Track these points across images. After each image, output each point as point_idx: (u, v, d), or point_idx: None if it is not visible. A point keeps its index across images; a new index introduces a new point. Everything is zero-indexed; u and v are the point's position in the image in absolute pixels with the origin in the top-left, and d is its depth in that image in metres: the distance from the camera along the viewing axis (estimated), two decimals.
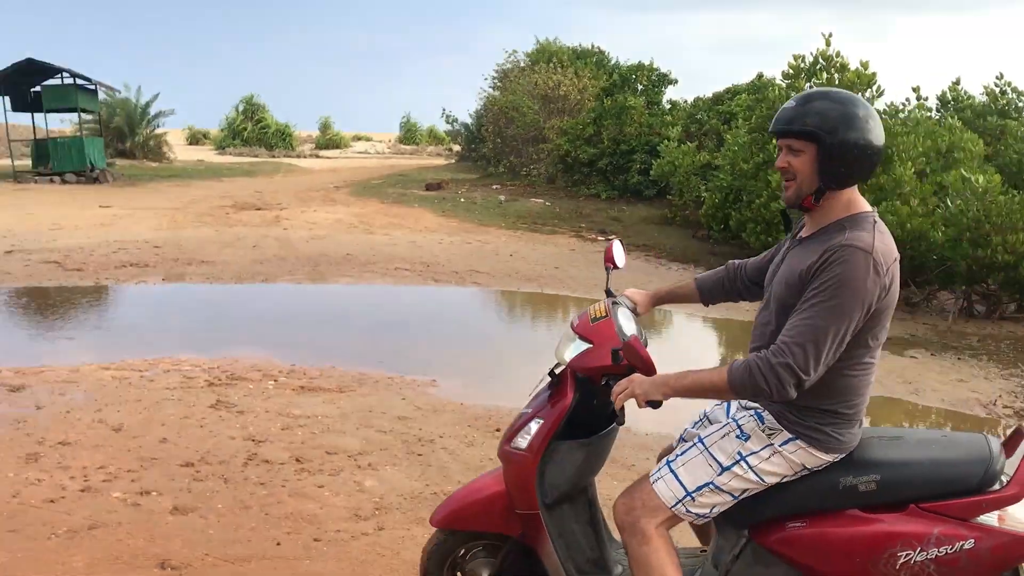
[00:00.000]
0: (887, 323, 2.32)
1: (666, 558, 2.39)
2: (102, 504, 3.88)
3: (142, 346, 7.05)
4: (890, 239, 2.28)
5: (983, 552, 2.21)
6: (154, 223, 15.51)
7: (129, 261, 11.27)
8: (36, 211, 17.09)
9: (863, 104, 2.28)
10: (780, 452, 2.34)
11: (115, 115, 33.89)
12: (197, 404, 5.42)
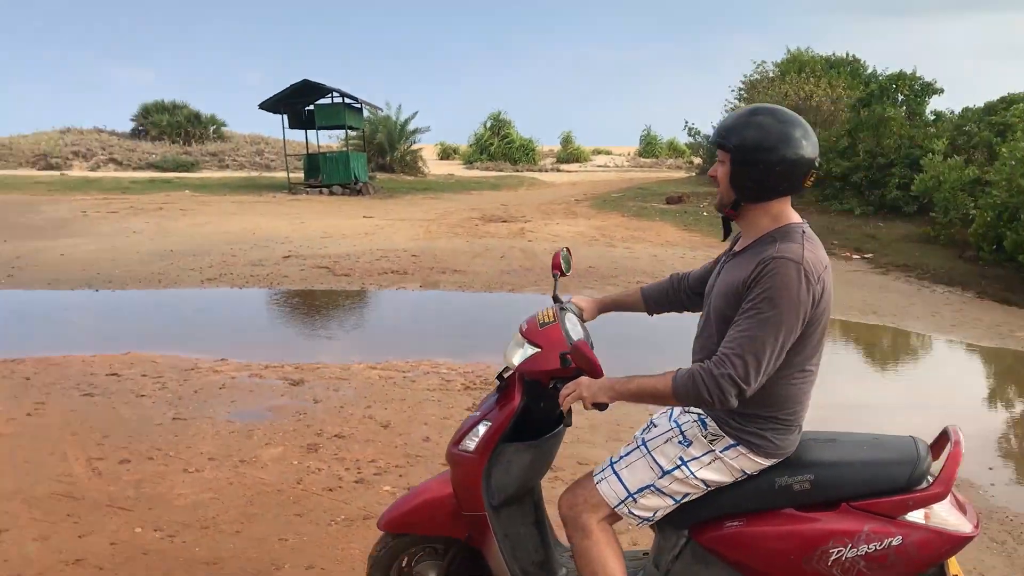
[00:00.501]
0: (823, 335, 2.35)
1: (607, 550, 2.44)
2: (374, 496, 4.16)
3: (404, 348, 7.50)
4: (820, 248, 2.31)
5: (910, 548, 2.26)
6: (411, 233, 16.47)
7: (390, 268, 12.03)
8: (308, 220, 18.67)
9: (790, 123, 2.29)
10: (721, 458, 2.38)
11: (377, 132, 36.37)
12: (455, 406, 5.69)
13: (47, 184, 29.15)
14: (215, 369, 6.61)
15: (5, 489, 4.18)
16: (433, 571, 2.84)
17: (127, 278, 11.20)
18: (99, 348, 7.31)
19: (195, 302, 10.03)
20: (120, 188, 27.71)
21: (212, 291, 10.54)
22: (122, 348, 7.29)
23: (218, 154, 42.56)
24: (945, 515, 2.31)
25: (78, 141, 43.29)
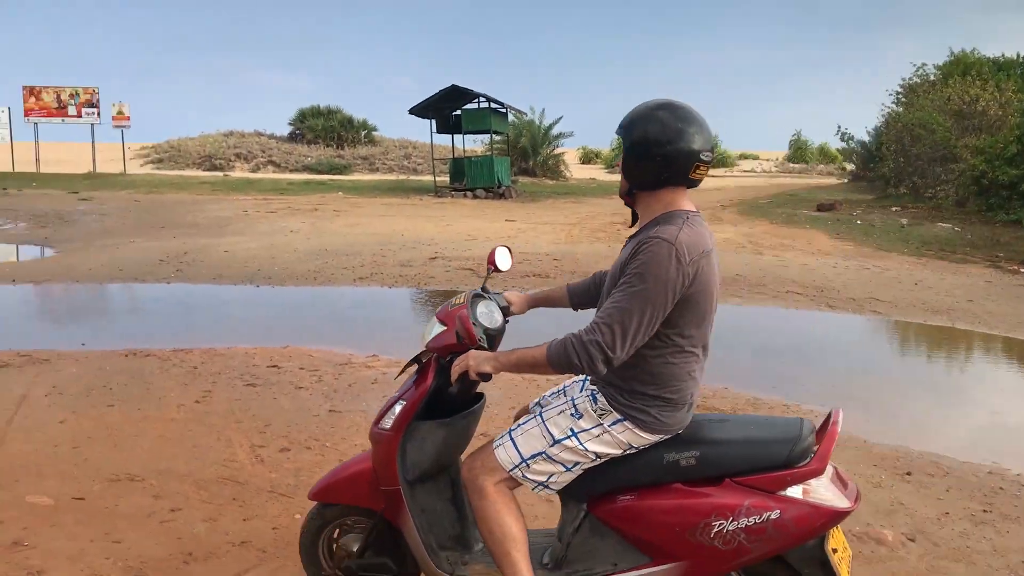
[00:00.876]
0: (705, 317, 2.48)
1: (503, 509, 2.59)
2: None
3: None
4: (702, 234, 2.45)
5: (788, 522, 2.37)
6: (552, 237, 16.56)
7: (532, 272, 12.14)
8: (453, 222, 19.07)
9: (684, 116, 2.45)
10: (609, 432, 2.53)
11: (521, 136, 36.77)
12: None
13: (211, 184, 30.90)
14: (367, 364, 6.85)
15: (178, 471, 4.47)
16: (356, 543, 3.00)
17: (285, 275, 11.74)
18: (260, 341, 7.70)
19: (348, 299, 10.41)
20: (278, 189, 29.09)
21: (363, 289, 10.92)
22: (281, 341, 7.65)
23: (369, 157, 44.03)
24: (823, 491, 2.42)
25: (240, 144, 45.68)
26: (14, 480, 4.29)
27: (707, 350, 2.58)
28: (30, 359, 6.82)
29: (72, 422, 5.28)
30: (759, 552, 2.42)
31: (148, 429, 5.17)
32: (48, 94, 35.91)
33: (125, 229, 17.45)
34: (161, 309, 9.80)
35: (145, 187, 29.51)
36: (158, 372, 6.52)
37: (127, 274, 11.68)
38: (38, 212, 21.07)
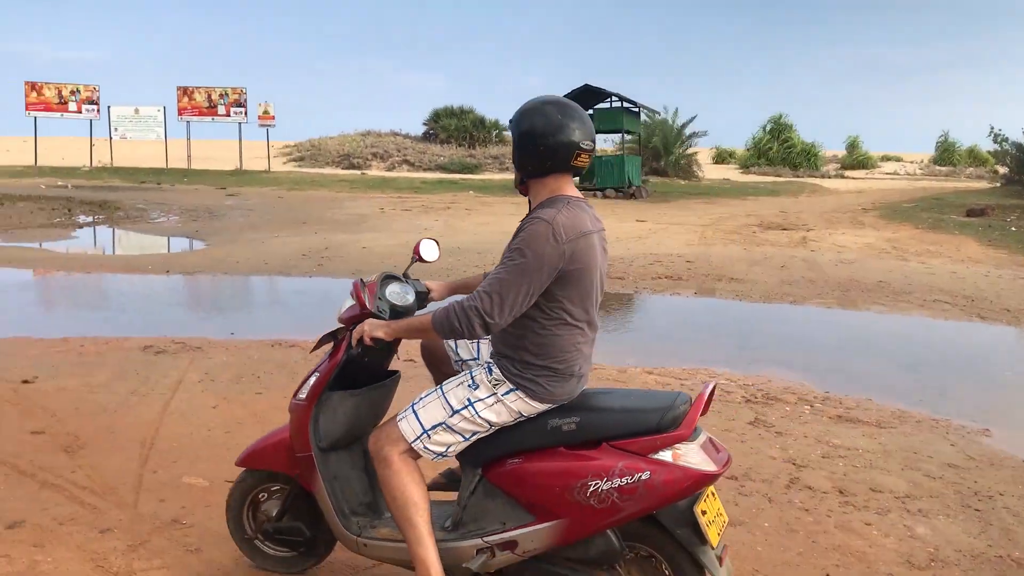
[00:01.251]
0: (588, 294, 2.72)
1: (407, 478, 2.76)
2: None
3: (679, 355, 7.44)
4: (582, 217, 2.69)
5: (657, 482, 2.55)
6: (685, 238, 16.31)
7: (664, 274, 11.99)
8: None
9: (566, 110, 2.71)
10: (502, 401, 2.73)
11: (653, 136, 36.36)
12: (737, 419, 5.56)
13: (350, 182, 31.92)
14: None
15: None
16: (275, 508, 3.25)
17: (418, 271, 11.94)
18: None
19: None
20: (412, 188, 29.76)
21: None
22: None
23: (499, 157, 44.43)
24: (692, 456, 2.60)
25: (376, 143, 46.91)
26: (172, 461, 4.54)
27: (593, 326, 2.82)
28: (184, 346, 7.20)
29: (223, 408, 5.54)
30: (631, 510, 2.61)
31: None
32: (200, 94, 37.88)
33: (269, 224, 18.21)
34: (304, 302, 10.17)
35: (288, 184, 30.74)
36: (302, 362, 6.77)
37: (272, 267, 12.18)
38: (189, 207, 22.26)
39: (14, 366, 6.44)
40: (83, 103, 37.38)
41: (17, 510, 3.78)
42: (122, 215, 20.26)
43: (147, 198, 24.91)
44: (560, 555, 2.76)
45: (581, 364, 2.78)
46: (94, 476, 4.28)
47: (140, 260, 13.32)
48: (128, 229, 17.93)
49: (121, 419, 5.25)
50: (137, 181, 31.86)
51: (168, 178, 33.01)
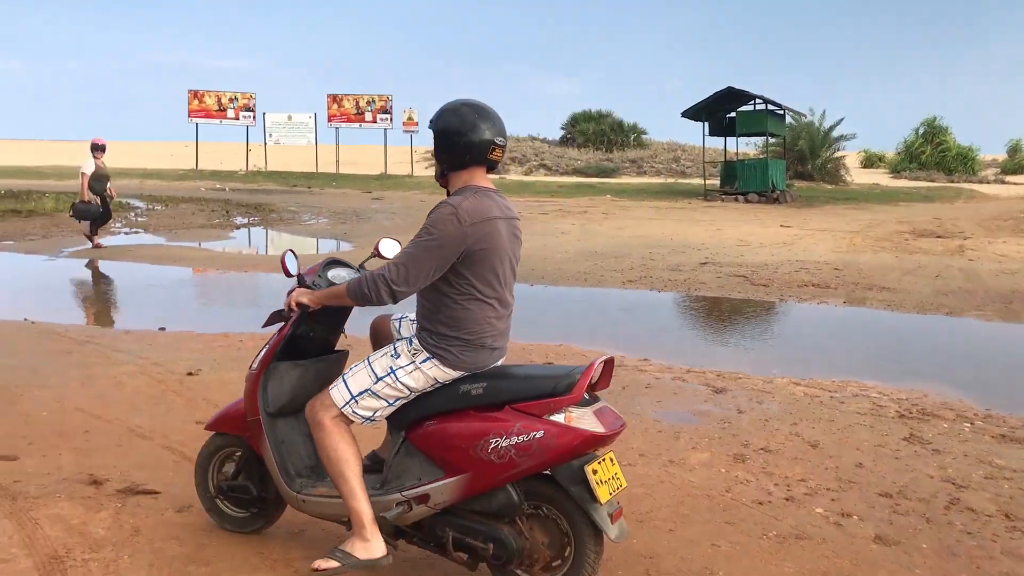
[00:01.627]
0: (494, 273, 3.04)
1: (338, 438, 3.08)
2: (805, 516, 4.03)
3: (828, 366, 7.18)
4: (488, 204, 3.03)
5: (549, 441, 2.84)
6: (832, 245, 15.75)
7: (810, 281, 11.61)
8: (724, 227, 18.67)
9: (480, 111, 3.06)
10: (420, 368, 3.05)
11: (799, 139, 35.27)
12: (890, 434, 5.32)
13: None
14: (639, 368, 6.87)
15: None
16: (233, 467, 3.62)
17: (557, 275, 12.05)
18: (536, 337, 7.95)
19: (618, 301, 10.51)
20: (550, 192, 29.94)
21: (633, 292, 10.97)
22: (555, 339, 7.86)
23: (637, 160, 44.13)
24: (583, 419, 2.91)
25: (514, 148, 47.43)
26: None
27: (504, 303, 3.15)
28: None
29: None
30: (526, 466, 2.90)
31: None
32: (348, 101, 39.31)
33: (412, 227, 18.54)
34: None
35: (429, 188, 31.46)
36: None
37: None
38: (337, 209, 23.11)
39: (179, 359, 6.85)
40: (240, 110, 39.45)
41: (186, 496, 4.02)
42: (275, 217, 21.24)
43: (298, 201, 26.03)
44: (467, 508, 3.06)
45: (493, 337, 3.12)
46: None
47: None
48: (281, 230, 18.78)
49: None
50: (289, 184, 33.35)
51: (317, 182, 34.39)
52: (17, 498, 3.98)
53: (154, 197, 26.03)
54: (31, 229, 16.85)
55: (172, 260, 13.19)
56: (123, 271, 12.29)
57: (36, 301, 9.63)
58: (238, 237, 17.37)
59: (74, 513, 3.83)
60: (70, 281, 11.82)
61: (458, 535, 3.05)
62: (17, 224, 17.67)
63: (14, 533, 3.60)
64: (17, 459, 4.53)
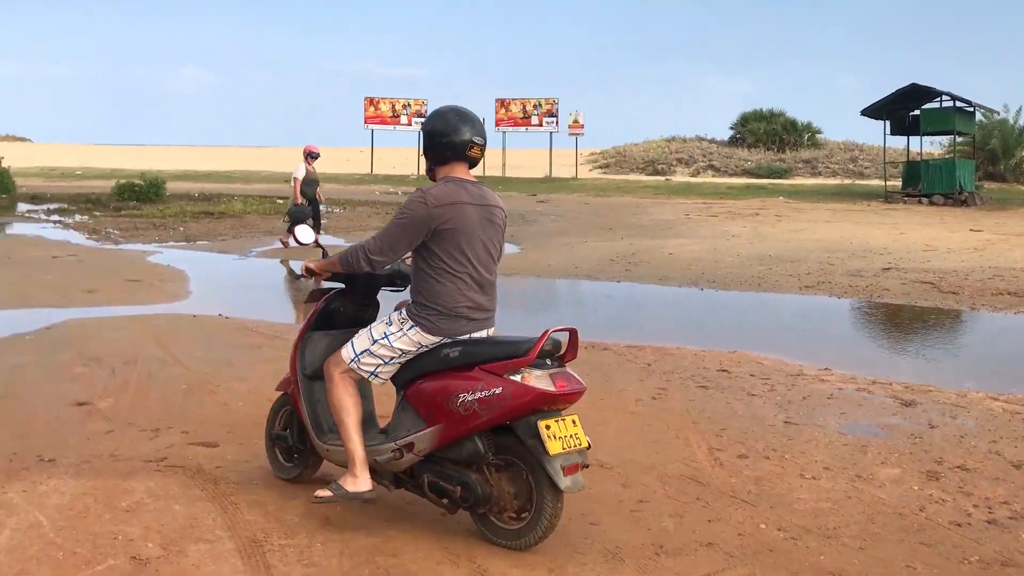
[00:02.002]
0: (462, 251, 3.62)
1: (343, 391, 3.73)
2: (1011, 542, 3.74)
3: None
4: (457, 191, 3.65)
5: (506, 396, 3.36)
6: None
7: (1007, 289, 10.81)
8: (907, 231, 17.69)
9: (461, 114, 3.77)
10: (407, 334, 3.66)
11: (990, 137, 32.94)
12: None
13: (653, 188, 32.06)
14: (821, 378, 6.59)
15: (641, 463, 4.66)
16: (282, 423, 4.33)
17: (728, 279, 11.77)
18: (708, 344, 7.79)
19: (794, 307, 10.14)
20: (718, 193, 29.31)
21: (810, 298, 10.56)
22: (729, 346, 7.66)
23: (811, 161, 42.55)
24: (538, 380, 3.38)
25: (681, 149, 46.74)
26: None
27: (481, 280, 3.68)
28: None
29: None
30: (486, 417, 3.40)
31: (611, 419, 5.48)
32: (516, 106, 39.91)
33: (577, 229, 18.75)
34: (613, 306, 10.36)
35: (593, 190, 31.49)
36: (615, 365, 6.88)
37: (581, 271, 12.54)
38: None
39: None
40: (413, 116, 40.76)
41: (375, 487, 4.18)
42: None
43: None
44: (444, 456, 3.57)
45: (469, 309, 3.65)
46: None
47: None
48: None
49: None
50: None
51: (484, 185, 35.02)
52: (219, 483, 4.25)
53: (332, 200, 27.29)
54: (222, 230, 18.02)
55: None
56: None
57: (229, 297, 10.28)
58: None
59: (270, 499, 4.05)
60: (259, 279, 12.57)
61: (433, 479, 3.57)
62: (209, 225, 18.95)
63: (218, 516, 3.84)
64: (218, 446, 4.84)
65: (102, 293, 10.02)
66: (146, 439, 4.95)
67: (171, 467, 4.45)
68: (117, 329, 8.04)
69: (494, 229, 3.74)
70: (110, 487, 4.13)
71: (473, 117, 3.77)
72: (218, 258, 14.33)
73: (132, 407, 5.60)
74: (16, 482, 4.18)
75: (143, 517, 3.80)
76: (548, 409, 3.40)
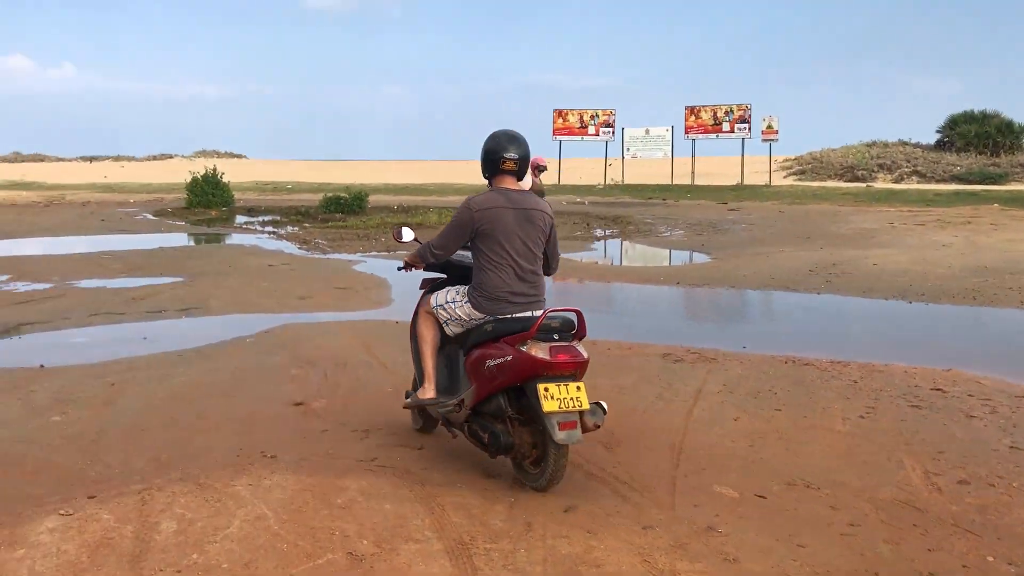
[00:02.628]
0: (500, 246, 4.53)
1: (424, 324, 4.86)
2: None
3: None
4: (496, 198, 4.58)
5: (515, 362, 4.21)
6: None
7: None
8: None
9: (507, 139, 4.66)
10: (463, 306, 4.66)
11: None
12: None
13: (854, 195, 30.58)
14: None
15: (851, 485, 4.45)
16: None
17: (939, 292, 11.04)
18: (918, 360, 7.33)
19: (1016, 323, 9.38)
20: (924, 200, 27.59)
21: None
22: (943, 363, 7.19)
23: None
24: (538, 350, 4.19)
25: (883, 154, 44.40)
26: (701, 468, 4.72)
27: (522, 270, 4.57)
28: (700, 356, 7.45)
29: (744, 421, 5.62)
30: (502, 379, 4.27)
31: (816, 438, 5.26)
32: (705, 113, 39.18)
33: (772, 239, 18.15)
34: (814, 319, 9.94)
35: (788, 198, 30.41)
36: (818, 382, 6.61)
37: (778, 282, 12.12)
38: (693, 221, 23.11)
39: None
40: (600, 126, 40.94)
41: (571, 495, 4.22)
42: (633, 229, 21.72)
43: (654, 213, 26.41)
44: (482, 411, 4.45)
45: (511, 294, 4.54)
46: (632, 473, 4.60)
47: (652, 271, 14.15)
48: (639, 242, 19.16)
49: (649, 421, 5.59)
50: (644, 197, 33.96)
51: (672, 194, 34.64)
52: (426, 484, 4.42)
53: None
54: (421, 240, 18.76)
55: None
56: None
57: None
58: (598, 248, 18.01)
59: (475, 503, 4.17)
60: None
61: (473, 427, 4.50)
62: None
63: (425, 516, 3.99)
64: (422, 448, 5.04)
65: (314, 300, 10.65)
66: (357, 439, 5.22)
67: (381, 467, 4.68)
68: (327, 334, 8.53)
69: (533, 228, 4.61)
70: (326, 484, 4.38)
71: (518, 138, 4.70)
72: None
73: (344, 408, 5.92)
74: (243, 476, 4.51)
75: (357, 514, 4.00)
76: (549, 374, 4.15)
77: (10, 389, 6.42)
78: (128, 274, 13.10)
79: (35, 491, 4.39)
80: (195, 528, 3.83)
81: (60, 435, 5.35)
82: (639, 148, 40.80)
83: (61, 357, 7.51)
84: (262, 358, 7.50)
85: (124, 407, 5.97)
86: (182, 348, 7.87)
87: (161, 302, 10.43)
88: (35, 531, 3.80)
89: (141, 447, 5.10)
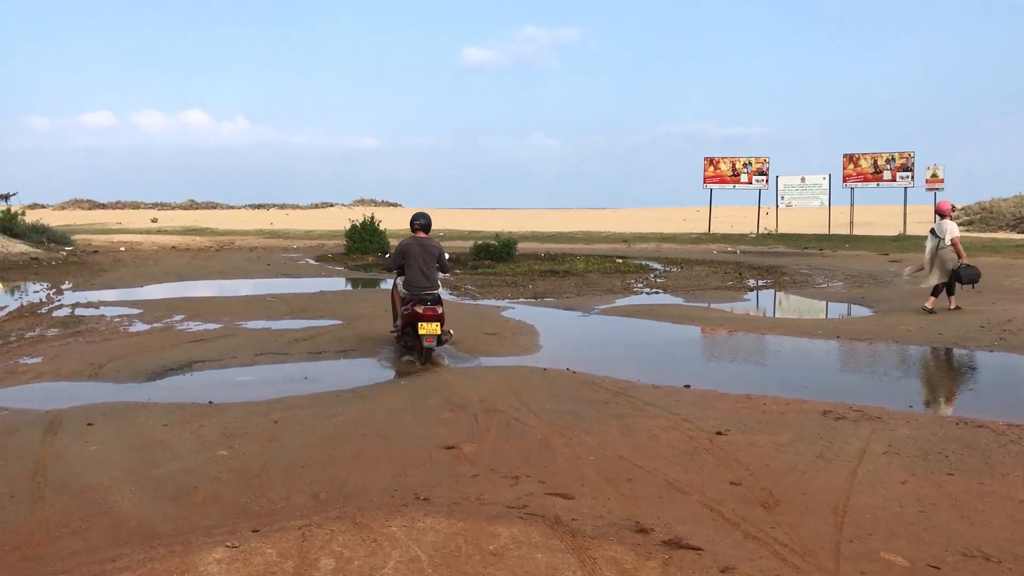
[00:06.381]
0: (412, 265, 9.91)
1: (394, 291, 10.92)
2: None
3: None
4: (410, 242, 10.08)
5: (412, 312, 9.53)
6: None
7: None
8: None
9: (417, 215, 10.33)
10: (401, 287, 10.06)
11: None
12: None
13: None
14: None
15: None
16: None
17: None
18: None
19: None
20: None
21: None
22: None
23: None
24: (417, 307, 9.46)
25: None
26: (867, 533, 4.46)
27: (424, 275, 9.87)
28: (863, 414, 7.10)
29: (912, 484, 5.30)
30: (408, 318, 9.54)
31: (995, 506, 4.89)
32: (865, 160, 37.81)
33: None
34: (986, 378, 9.31)
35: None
36: (994, 445, 6.16)
37: (946, 339, 11.44)
38: (852, 272, 22.20)
39: (706, 417, 7.04)
40: (754, 174, 40.17)
41: (728, 556, 4.07)
42: (787, 280, 21.05)
43: (810, 263, 25.56)
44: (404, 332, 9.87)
45: (420, 287, 9.75)
46: (792, 535, 4.40)
47: (809, 324, 13.63)
48: (794, 293, 18.54)
49: (810, 481, 5.35)
50: (799, 247, 32.95)
51: (829, 244, 33.48)
52: (576, 535, 4.37)
53: (670, 259, 27.52)
54: (567, 287, 18.78)
55: (690, 320, 13.73)
56: (647, 328, 13.08)
57: (575, 353, 10.65)
58: (750, 299, 17.54)
59: (626, 558, 4.08)
60: (603, 335, 12.90)
61: (401, 338, 10.03)
62: (555, 283, 19.85)
63: (577, 568, 3.94)
64: (573, 498, 5.00)
65: (463, 344, 10.84)
66: (507, 485, 5.23)
67: (531, 515, 4.66)
68: (477, 379, 8.65)
69: (427, 253, 9.86)
70: (478, 530, 4.41)
71: (423, 214, 10.23)
72: (564, 315, 14.92)
73: (494, 453, 5.97)
74: (397, 517, 4.60)
75: (509, 562, 4.00)
76: (423, 317, 9.30)
77: (183, 423, 6.83)
78: (291, 316, 13.77)
79: (204, 522, 4.62)
80: (352, 567, 3.92)
81: (227, 468, 5.63)
82: (794, 196, 39.72)
83: (229, 394, 7.95)
84: (415, 400, 7.68)
85: (286, 444, 6.23)
86: (340, 388, 8.17)
87: (321, 343, 10.89)
88: (204, 560, 3.99)
89: (301, 483, 5.30)
